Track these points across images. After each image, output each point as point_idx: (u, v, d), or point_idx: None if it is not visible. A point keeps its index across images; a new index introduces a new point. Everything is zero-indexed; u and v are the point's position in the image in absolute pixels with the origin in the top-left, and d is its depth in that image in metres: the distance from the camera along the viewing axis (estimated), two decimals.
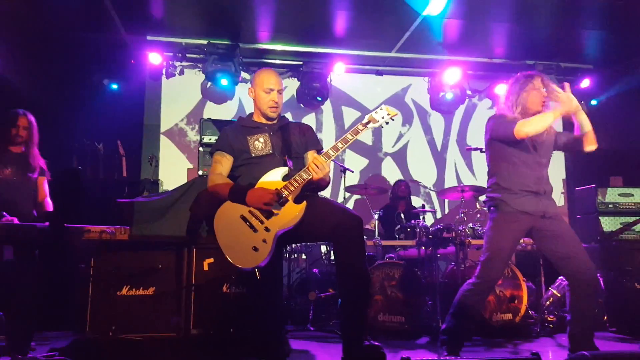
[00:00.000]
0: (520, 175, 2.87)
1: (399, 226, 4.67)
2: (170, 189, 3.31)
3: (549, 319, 4.14)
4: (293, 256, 4.92)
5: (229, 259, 2.41)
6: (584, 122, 2.97)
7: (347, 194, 5.64)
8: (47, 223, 2.87)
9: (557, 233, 2.80)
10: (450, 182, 6.71)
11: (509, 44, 5.95)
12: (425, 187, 5.87)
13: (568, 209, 6.49)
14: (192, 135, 6.23)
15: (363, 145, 6.63)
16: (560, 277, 4.16)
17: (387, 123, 2.60)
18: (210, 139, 4.16)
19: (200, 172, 4.08)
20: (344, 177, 4.92)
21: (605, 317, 4.17)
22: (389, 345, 3.60)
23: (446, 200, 6.69)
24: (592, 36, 5.67)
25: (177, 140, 6.23)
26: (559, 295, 4.18)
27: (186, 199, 3.12)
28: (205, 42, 5.83)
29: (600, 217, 4.36)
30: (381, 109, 2.61)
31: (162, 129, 6.22)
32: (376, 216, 4.73)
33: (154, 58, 5.78)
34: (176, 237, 3.07)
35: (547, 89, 2.93)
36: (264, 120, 2.77)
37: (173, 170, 6.00)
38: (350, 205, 6.39)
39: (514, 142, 2.83)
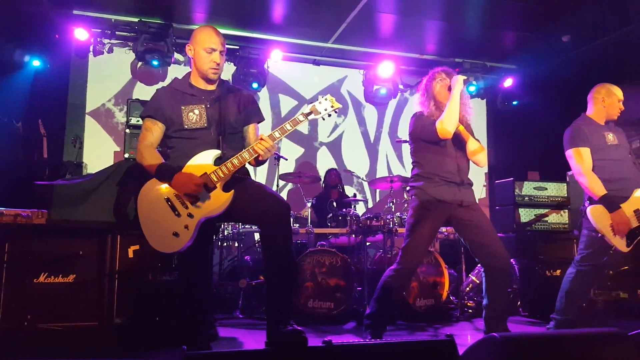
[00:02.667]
0: (441, 165, 3.02)
1: (331, 214, 4.75)
2: (94, 172, 3.17)
3: (468, 304, 4.39)
4: (225, 244, 4.87)
5: (148, 240, 2.35)
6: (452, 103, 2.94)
7: (281, 182, 5.65)
8: None
9: (475, 223, 2.96)
10: (381, 172, 6.90)
11: (439, 42, 6.18)
12: (358, 177, 6.00)
13: (489, 200, 6.88)
14: (120, 117, 5.96)
15: (299, 134, 6.66)
16: (479, 265, 4.42)
17: (329, 115, 2.54)
18: (137, 121, 4.00)
19: (126, 155, 3.93)
20: (278, 165, 4.92)
21: (519, 302, 4.49)
22: (317, 330, 3.69)
23: (377, 190, 6.88)
24: (515, 37, 6.00)
25: (103, 121, 5.94)
26: (477, 281, 4.44)
27: (111, 182, 3.00)
28: (136, 19, 5.57)
29: (516, 209, 4.65)
30: (325, 100, 2.53)
31: (88, 108, 5.90)
32: (309, 204, 4.78)
33: (80, 34, 5.45)
34: (99, 222, 2.96)
35: (449, 77, 3.11)
36: (202, 85, 2.59)
37: (98, 152, 5.71)
38: (284, 193, 6.41)
39: (438, 141, 2.99)
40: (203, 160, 2.44)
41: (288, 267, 2.43)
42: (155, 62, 5.66)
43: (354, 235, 4.43)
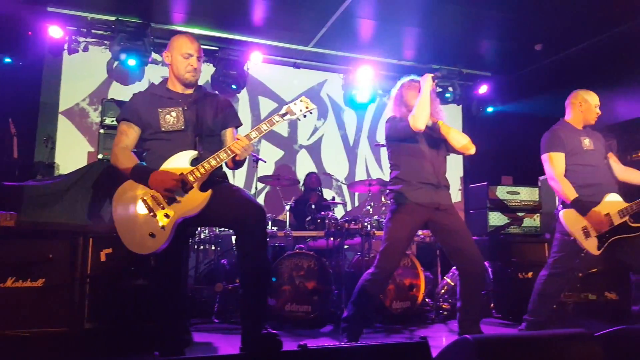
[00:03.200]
0: (418, 168, 3.06)
1: (309, 217, 4.75)
2: (66, 173, 3.10)
3: (443, 306, 4.44)
4: (202, 247, 4.82)
5: (123, 242, 2.31)
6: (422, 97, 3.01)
7: (260, 185, 5.62)
8: None
9: (451, 227, 3.01)
10: (360, 175, 6.93)
11: (417, 48, 6.24)
12: (337, 180, 6.02)
13: (464, 204, 6.97)
14: (95, 117, 5.84)
15: (279, 137, 6.64)
16: (454, 267, 4.48)
17: (304, 116, 2.56)
18: (112, 121, 3.93)
19: (100, 156, 3.86)
20: (257, 167, 4.90)
21: (492, 304, 4.56)
22: (294, 334, 3.68)
23: (356, 193, 6.90)
24: (490, 45, 6.11)
25: (77, 121, 5.82)
26: (452, 284, 4.49)
27: (83, 184, 2.94)
28: (113, 18, 5.48)
29: (490, 212, 4.73)
30: (300, 101, 2.56)
31: (61, 108, 5.76)
32: (287, 207, 4.77)
33: (55, 31, 5.33)
34: (70, 224, 2.89)
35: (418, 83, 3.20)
36: (179, 89, 2.59)
37: (71, 153, 5.58)
38: (262, 195, 6.38)
39: (412, 136, 3.03)
40: (179, 161, 2.42)
41: (263, 272, 2.42)
42: (131, 62, 5.57)
43: (332, 239, 4.43)
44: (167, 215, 2.34)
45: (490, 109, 7.07)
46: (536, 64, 6.35)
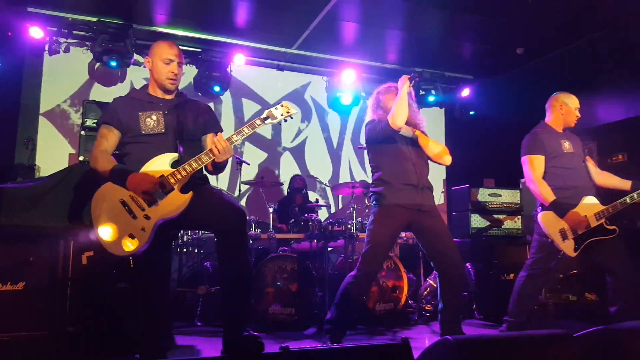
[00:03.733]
0: (401, 170, 3.08)
1: (293, 220, 4.75)
2: (47, 175, 3.06)
3: (426, 307, 4.48)
4: (185, 250, 4.79)
5: (103, 244, 2.30)
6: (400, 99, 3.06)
7: (244, 187, 5.61)
8: None
9: (433, 229, 3.03)
10: (344, 178, 6.96)
11: (400, 51, 6.29)
12: (321, 182, 6.03)
13: (447, 206, 7.04)
14: (76, 118, 5.77)
15: (263, 139, 6.63)
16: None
17: (285, 120, 2.57)
18: (93, 123, 3.90)
19: (81, 158, 3.82)
20: (241, 169, 4.89)
21: (474, 306, 4.62)
22: (278, 336, 3.67)
23: (340, 196, 6.93)
24: (472, 49, 6.19)
25: (58, 123, 5.74)
26: (435, 285, 4.52)
27: (64, 186, 2.90)
28: (94, 19, 5.43)
29: (472, 215, 4.79)
30: (281, 106, 2.57)
31: (42, 109, 5.68)
32: (271, 209, 4.77)
33: (35, 32, 5.25)
34: (51, 227, 2.85)
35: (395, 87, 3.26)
36: (160, 95, 2.61)
37: (52, 155, 5.50)
38: (245, 197, 6.37)
39: (392, 136, 3.07)
40: (160, 163, 2.42)
41: (244, 274, 2.42)
42: (113, 63, 5.52)
43: (315, 241, 4.44)
44: (147, 217, 2.33)
45: (472, 113, 7.16)
46: (517, 68, 6.45)
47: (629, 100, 5.98)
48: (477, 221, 4.79)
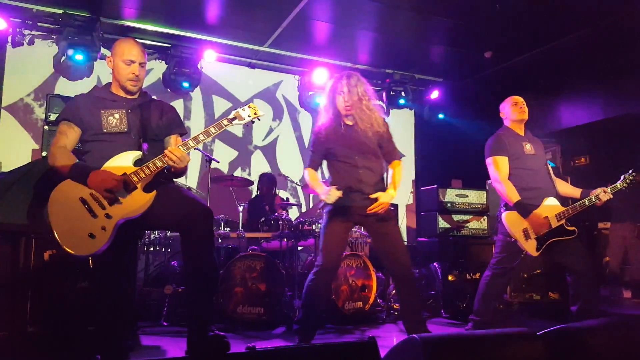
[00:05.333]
0: (344, 174, 3.11)
1: (263, 218, 4.73)
2: (8, 170, 2.96)
3: (394, 306, 4.52)
4: (152, 248, 4.70)
5: (61, 243, 2.22)
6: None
7: (213, 185, 5.54)
8: None
9: (383, 231, 3.05)
10: None
11: (371, 52, 6.33)
12: (292, 181, 6.02)
13: (416, 206, 7.14)
14: (40, 113, 5.58)
15: (233, 137, 6.57)
16: None
17: (252, 122, 2.53)
18: (57, 117, 3.77)
19: (44, 154, 3.71)
20: (210, 167, 4.83)
21: (441, 305, 4.69)
22: (246, 336, 3.65)
23: (311, 195, 6.93)
24: (441, 52, 6.28)
25: (21, 117, 5.54)
26: None
27: (25, 182, 2.81)
28: (60, 11, 5.26)
29: (439, 215, 4.87)
30: (249, 107, 2.53)
31: (4, 103, 5.47)
32: (241, 208, 4.73)
33: None
34: (12, 224, 2.76)
35: (349, 95, 3.10)
36: (122, 94, 2.55)
37: (15, 150, 5.32)
38: (215, 196, 6.29)
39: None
40: (122, 161, 2.36)
41: (209, 273, 2.38)
42: (79, 57, 5.36)
43: (285, 240, 4.43)
44: (108, 216, 2.27)
45: (441, 116, 7.28)
46: (485, 71, 6.59)
47: (592, 105, 6.20)
48: (444, 221, 4.87)
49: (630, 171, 3.42)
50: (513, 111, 3.56)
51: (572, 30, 5.35)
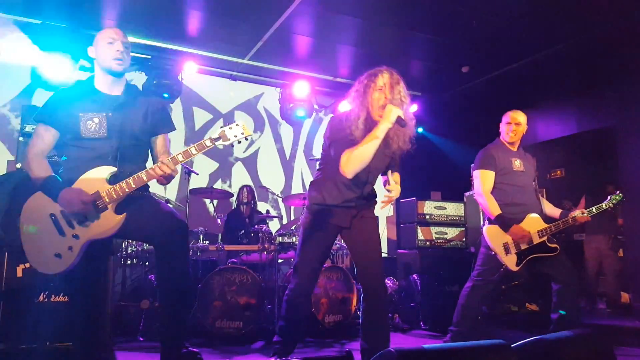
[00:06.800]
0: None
1: (243, 231, 4.70)
2: None
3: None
4: (129, 262, 4.63)
5: (28, 259, 2.19)
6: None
7: (193, 197, 5.50)
8: None
9: (360, 242, 2.81)
10: (296, 189, 6.97)
11: (352, 66, 6.37)
12: (273, 193, 6.01)
13: (396, 218, 7.18)
14: (16, 124, 5.47)
15: (214, 149, 6.41)
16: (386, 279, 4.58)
17: (239, 142, 2.35)
18: (32, 129, 3.70)
19: (18, 165, 3.63)
20: (189, 179, 4.80)
21: (420, 316, 4.71)
22: (224, 351, 3.60)
23: (292, 207, 6.92)
24: (420, 66, 6.38)
25: None
26: None
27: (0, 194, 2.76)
28: (39, 22, 5.21)
29: (418, 227, 4.91)
30: (237, 125, 2.34)
31: None
32: (220, 220, 4.70)
33: None
34: None
35: (392, 90, 2.64)
36: (106, 89, 2.42)
37: None
38: (194, 208, 6.23)
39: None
40: (96, 177, 2.27)
41: (183, 288, 2.34)
42: (58, 67, 5.29)
43: (265, 252, 4.40)
44: (75, 236, 2.20)
45: (420, 130, 7.36)
46: (463, 86, 6.70)
47: (567, 119, 6.35)
48: (423, 233, 4.91)
49: (617, 192, 3.50)
50: (505, 131, 3.61)
51: (548, 46, 5.49)
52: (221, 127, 2.35)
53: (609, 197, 3.49)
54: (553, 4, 4.64)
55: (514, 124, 3.59)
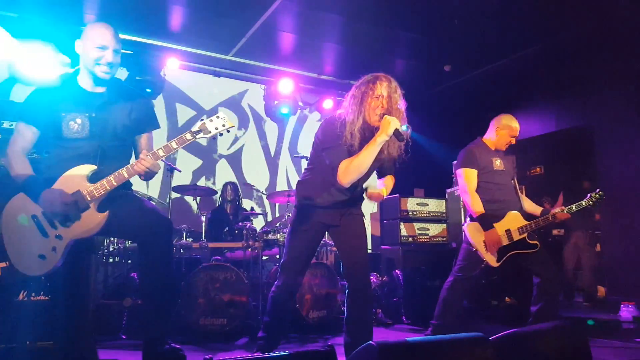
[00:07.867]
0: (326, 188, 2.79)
1: (227, 228, 4.70)
2: None
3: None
4: (111, 260, 4.59)
5: (11, 260, 2.17)
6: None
7: (175, 194, 5.47)
8: None
9: (348, 239, 2.83)
10: (281, 186, 6.98)
11: (336, 64, 6.41)
12: (257, 190, 6.01)
13: (379, 215, 7.23)
14: None
15: (197, 146, 6.51)
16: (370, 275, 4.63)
17: (220, 134, 2.32)
18: (11, 125, 3.63)
19: None
20: (172, 176, 4.77)
21: (402, 311, 4.77)
22: (208, 348, 3.61)
23: (276, 204, 6.93)
24: (403, 64, 6.43)
25: None
26: None
27: None
28: (15, 15, 5.12)
29: (401, 223, 4.97)
30: (217, 117, 2.29)
31: None
32: (203, 218, 4.69)
33: None
34: None
35: (390, 100, 2.62)
36: (89, 87, 2.37)
37: None
38: (177, 206, 6.21)
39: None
40: (77, 176, 2.24)
41: (165, 285, 2.34)
42: (39, 63, 5.21)
43: (250, 249, 4.41)
44: (59, 237, 2.19)
45: (404, 127, 7.41)
46: (445, 84, 6.78)
47: (546, 118, 6.47)
48: (406, 229, 4.97)
49: (597, 190, 3.57)
50: (502, 137, 3.60)
51: (527, 45, 5.59)
52: (201, 120, 2.30)
53: (588, 195, 3.56)
54: (531, 4, 4.72)
55: (514, 138, 3.64)
